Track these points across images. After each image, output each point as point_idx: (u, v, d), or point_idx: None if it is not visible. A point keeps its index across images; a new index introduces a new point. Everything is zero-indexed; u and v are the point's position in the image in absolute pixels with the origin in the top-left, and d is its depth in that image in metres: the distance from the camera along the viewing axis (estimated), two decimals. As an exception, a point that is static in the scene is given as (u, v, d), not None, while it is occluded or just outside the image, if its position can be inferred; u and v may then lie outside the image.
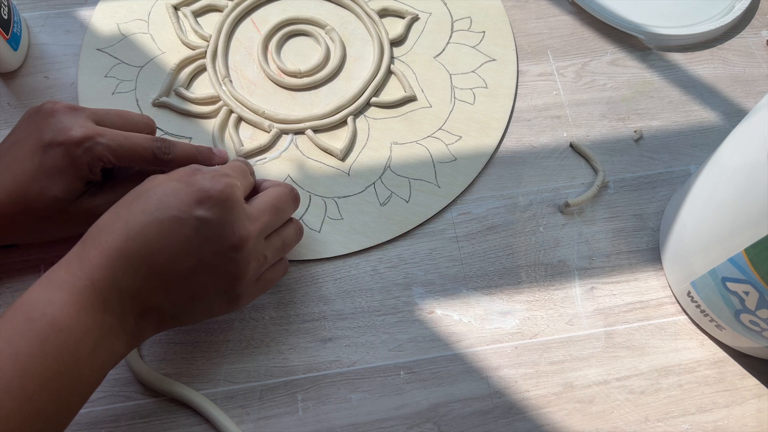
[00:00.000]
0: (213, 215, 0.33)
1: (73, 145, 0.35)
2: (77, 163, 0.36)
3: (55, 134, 0.36)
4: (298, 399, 0.39)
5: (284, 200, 0.37)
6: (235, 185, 0.34)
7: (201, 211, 0.32)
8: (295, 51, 0.50)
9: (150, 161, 0.38)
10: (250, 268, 0.34)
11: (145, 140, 0.38)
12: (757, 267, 0.33)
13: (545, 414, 0.39)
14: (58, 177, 0.36)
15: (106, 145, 0.36)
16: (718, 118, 0.49)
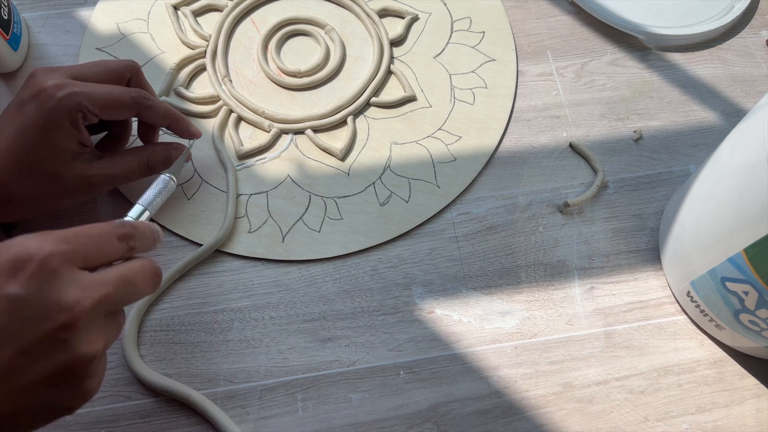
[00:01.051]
0: (25, 289, 0.26)
1: (44, 96, 0.34)
2: (54, 115, 0.34)
3: (29, 90, 0.35)
4: (297, 399, 0.39)
5: (139, 274, 0.30)
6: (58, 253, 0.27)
7: (12, 287, 0.26)
8: (295, 51, 0.50)
9: (131, 107, 0.37)
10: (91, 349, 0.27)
11: (122, 88, 0.37)
12: (756, 267, 0.33)
13: (545, 414, 0.39)
14: (39, 133, 0.35)
15: (80, 92, 0.35)
16: (717, 118, 0.49)
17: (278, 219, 0.44)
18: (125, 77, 0.39)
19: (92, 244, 0.29)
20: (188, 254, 0.42)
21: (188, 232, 0.43)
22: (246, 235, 0.43)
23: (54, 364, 0.26)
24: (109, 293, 0.28)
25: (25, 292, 0.26)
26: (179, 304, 0.41)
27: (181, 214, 0.44)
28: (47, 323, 0.26)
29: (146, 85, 0.41)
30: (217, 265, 0.43)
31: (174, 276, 0.41)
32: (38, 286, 0.26)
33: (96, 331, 0.28)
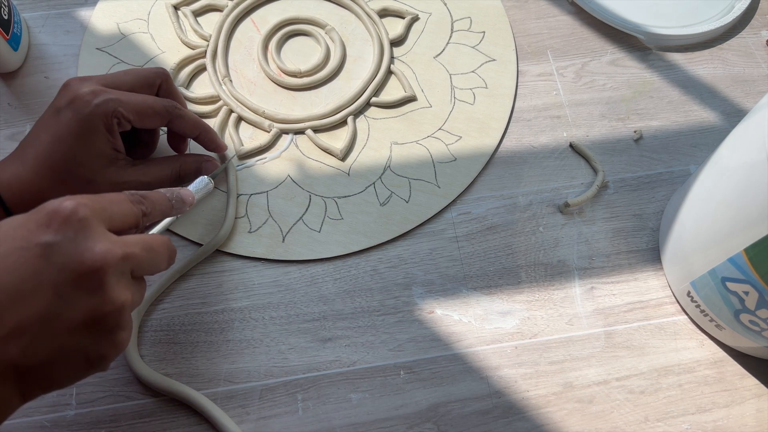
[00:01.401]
0: (61, 237, 0.27)
1: (80, 102, 0.35)
2: (90, 121, 0.35)
3: (65, 98, 0.36)
4: (298, 399, 0.39)
5: (160, 244, 0.32)
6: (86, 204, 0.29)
7: (47, 235, 0.27)
8: (295, 51, 0.50)
9: (163, 116, 0.38)
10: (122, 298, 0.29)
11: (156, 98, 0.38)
12: (756, 267, 0.33)
13: (545, 414, 0.39)
14: (75, 140, 0.35)
15: (116, 99, 0.36)
16: (717, 118, 0.49)
17: (278, 219, 0.44)
18: (156, 84, 0.40)
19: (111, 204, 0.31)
20: (188, 254, 0.42)
21: (188, 232, 0.43)
22: (246, 235, 0.43)
23: (88, 308, 0.28)
24: (135, 253, 0.30)
25: (59, 238, 0.27)
26: (179, 304, 0.41)
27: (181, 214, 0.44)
28: (81, 267, 0.27)
29: (176, 92, 0.42)
30: (218, 265, 0.43)
31: (174, 276, 0.41)
32: (71, 233, 0.28)
33: (123, 283, 0.29)
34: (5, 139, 0.46)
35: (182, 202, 0.37)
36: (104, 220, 0.30)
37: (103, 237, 0.29)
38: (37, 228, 0.28)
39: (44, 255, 0.27)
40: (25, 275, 0.27)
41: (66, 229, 0.28)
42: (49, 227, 0.28)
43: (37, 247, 0.27)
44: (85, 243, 0.28)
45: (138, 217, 0.32)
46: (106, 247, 0.28)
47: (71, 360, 0.29)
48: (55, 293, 0.27)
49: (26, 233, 0.28)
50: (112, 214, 0.30)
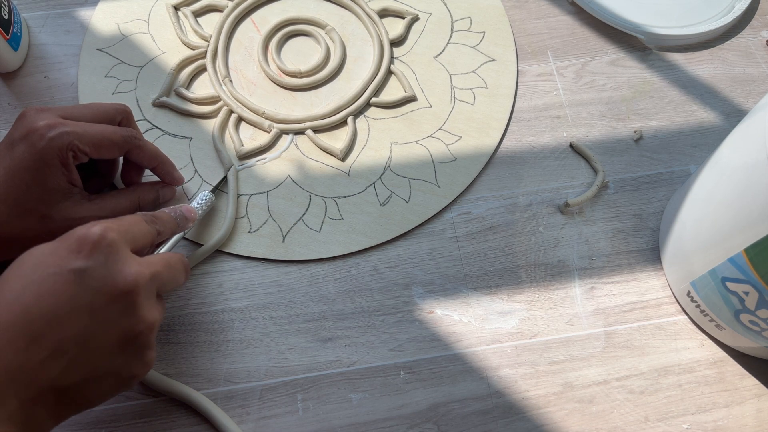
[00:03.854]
0: (93, 262, 0.29)
1: (35, 136, 0.34)
2: (45, 155, 0.34)
3: (20, 130, 0.35)
4: (298, 399, 0.39)
5: (177, 261, 0.34)
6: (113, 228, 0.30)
7: (79, 261, 0.29)
8: (295, 51, 0.50)
9: (121, 146, 0.37)
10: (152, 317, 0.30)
11: (113, 127, 0.37)
12: (756, 267, 0.33)
13: (545, 414, 0.39)
14: (29, 174, 0.34)
15: (72, 132, 0.35)
16: (717, 118, 0.49)
17: (278, 219, 0.44)
18: (116, 120, 0.39)
19: (132, 226, 0.32)
20: (188, 254, 0.42)
21: (188, 232, 0.43)
22: (246, 235, 0.43)
23: (122, 328, 0.29)
24: (160, 271, 0.32)
25: (91, 263, 0.29)
26: (179, 304, 0.41)
27: (181, 214, 0.44)
28: (113, 290, 0.29)
29: (135, 127, 0.41)
30: (218, 265, 0.43)
31: (174, 276, 0.41)
32: (102, 258, 0.29)
33: (152, 303, 0.31)
34: (5, 139, 0.46)
35: (185, 219, 0.38)
36: (129, 242, 0.31)
37: (132, 259, 0.30)
38: (68, 254, 0.29)
39: (77, 280, 0.28)
40: (61, 300, 0.28)
41: (97, 254, 0.29)
42: (80, 253, 0.29)
43: (71, 273, 0.28)
44: (115, 266, 0.29)
45: (154, 236, 0.34)
46: (136, 270, 0.30)
47: (105, 380, 0.30)
48: (90, 316, 0.28)
49: (58, 260, 0.29)
50: (135, 236, 0.32)
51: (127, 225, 0.32)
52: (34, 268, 0.29)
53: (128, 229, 0.31)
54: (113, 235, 0.30)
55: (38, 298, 0.28)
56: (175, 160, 0.45)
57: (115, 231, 0.30)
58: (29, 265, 0.29)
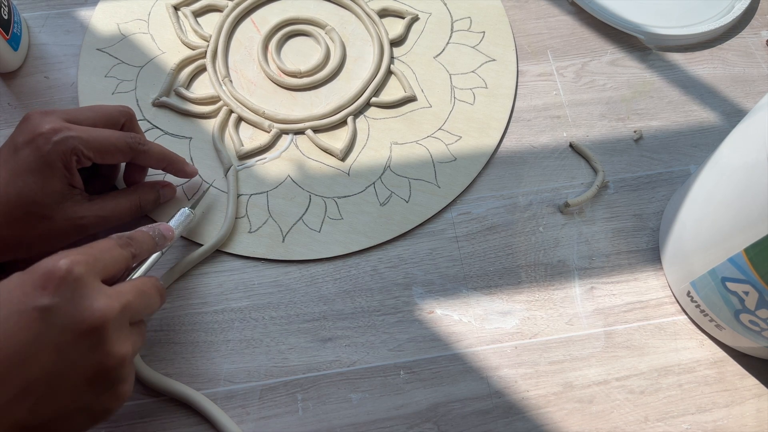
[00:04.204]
0: (58, 299, 0.28)
1: (41, 140, 0.34)
2: (49, 158, 0.34)
3: (25, 134, 0.35)
4: (298, 399, 0.39)
5: (150, 286, 0.33)
6: (80, 262, 0.29)
7: (44, 298, 0.28)
8: (295, 51, 0.50)
9: (126, 153, 0.38)
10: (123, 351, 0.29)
11: (118, 133, 0.37)
12: (756, 267, 0.33)
13: (545, 414, 0.39)
14: (32, 176, 0.35)
15: (77, 137, 0.35)
16: (717, 118, 0.49)
17: (278, 219, 0.44)
18: (120, 122, 0.39)
19: (102, 254, 0.31)
20: (188, 254, 0.42)
21: (188, 232, 0.43)
22: (246, 235, 0.43)
23: (91, 365, 0.28)
24: (131, 301, 0.31)
25: (57, 300, 0.28)
26: (179, 304, 0.41)
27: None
28: (80, 326, 0.28)
29: (138, 130, 0.41)
30: (218, 265, 0.43)
31: (174, 276, 0.41)
32: (68, 293, 0.28)
33: (124, 335, 0.30)
34: (5, 139, 0.46)
35: (164, 238, 0.37)
36: (99, 272, 0.30)
37: (100, 293, 0.29)
38: (33, 290, 0.28)
39: (43, 318, 0.28)
40: (25, 339, 0.27)
41: (63, 290, 0.28)
42: (46, 289, 0.28)
43: (35, 311, 0.28)
44: (82, 302, 0.28)
45: (128, 260, 0.33)
46: (104, 303, 0.29)
47: (76, 416, 0.29)
48: (57, 354, 0.28)
49: (22, 296, 0.28)
50: (105, 264, 0.31)
51: (97, 253, 0.31)
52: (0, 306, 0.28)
53: (98, 257, 0.30)
54: (80, 269, 0.29)
55: (4, 336, 0.27)
56: (175, 160, 0.45)
57: (82, 264, 0.29)
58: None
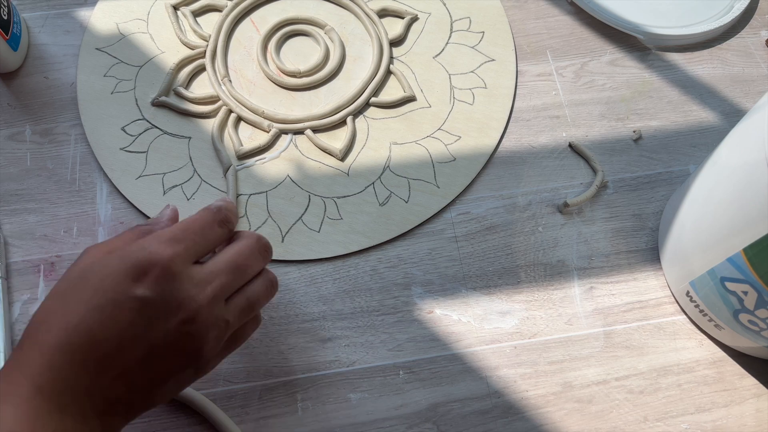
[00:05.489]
0: (152, 292, 0.29)
1: None
2: None
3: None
4: (297, 399, 0.39)
5: (247, 255, 0.33)
6: (174, 253, 0.30)
7: (140, 289, 0.29)
8: (295, 51, 0.50)
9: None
10: (210, 338, 0.31)
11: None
12: (755, 267, 0.33)
13: (544, 414, 0.39)
14: None
15: None
16: (717, 118, 0.49)
17: (278, 219, 0.44)
18: None
19: (199, 237, 0.32)
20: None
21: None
22: (245, 235, 0.43)
23: (185, 351, 0.30)
24: (224, 282, 0.31)
25: (151, 294, 0.29)
26: (179, 304, 0.41)
27: (180, 214, 0.44)
28: (171, 318, 0.29)
29: None
30: (217, 265, 0.43)
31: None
32: (161, 288, 0.29)
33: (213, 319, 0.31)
34: (4, 139, 0.46)
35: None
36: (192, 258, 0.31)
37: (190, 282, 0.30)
38: (125, 280, 0.29)
39: (138, 308, 0.29)
40: (122, 327, 0.29)
41: (157, 284, 0.29)
42: (141, 282, 0.29)
43: (131, 301, 0.29)
44: (174, 295, 0.29)
45: (224, 239, 0.34)
46: (193, 294, 0.30)
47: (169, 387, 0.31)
48: (152, 343, 0.29)
49: (116, 285, 0.29)
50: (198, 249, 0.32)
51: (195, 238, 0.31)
52: (94, 292, 0.29)
53: (196, 243, 0.31)
54: (178, 263, 0.30)
55: (101, 324, 0.28)
56: (174, 159, 0.45)
57: (181, 258, 0.30)
58: (90, 287, 0.29)
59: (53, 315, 0.29)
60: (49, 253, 0.42)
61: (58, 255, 0.42)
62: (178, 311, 0.29)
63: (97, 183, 0.45)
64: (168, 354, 0.30)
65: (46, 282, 0.42)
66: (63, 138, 0.46)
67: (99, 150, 0.46)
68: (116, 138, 0.46)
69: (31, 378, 0.28)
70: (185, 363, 0.31)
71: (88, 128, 0.46)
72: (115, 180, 0.45)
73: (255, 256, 0.33)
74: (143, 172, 0.45)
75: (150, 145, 0.46)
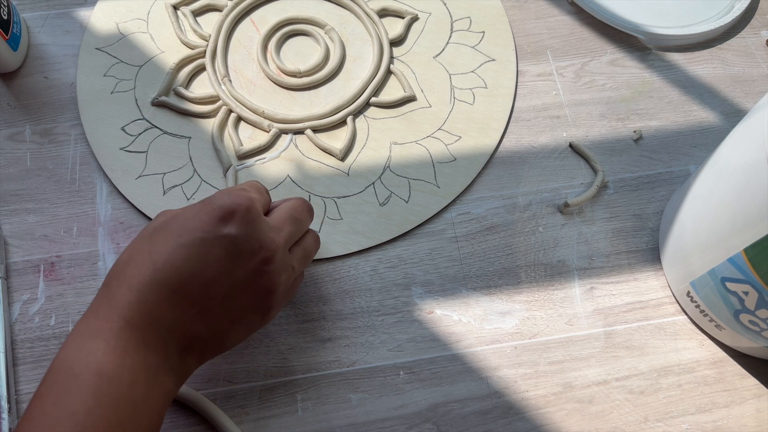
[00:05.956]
0: (238, 231, 0.31)
1: None
2: None
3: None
4: (297, 399, 0.39)
5: (300, 211, 0.36)
6: (254, 198, 0.33)
7: (226, 228, 0.31)
8: (295, 51, 0.50)
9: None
10: (281, 280, 0.34)
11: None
12: (756, 267, 0.33)
13: (544, 414, 0.39)
14: None
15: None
16: (717, 118, 0.49)
17: (278, 219, 0.44)
18: None
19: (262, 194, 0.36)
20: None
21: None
22: (245, 235, 0.43)
23: (259, 292, 0.33)
24: (290, 231, 0.35)
25: (237, 232, 0.31)
26: (179, 304, 0.41)
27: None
28: (253, 257, 0.32)
29: None
30: (217, 265, 0.42)
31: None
32: (246, 228, 0.32)
33: (285, 262, 0.34)
34: (4, 139, 0.46)
35: None
36: (263, 208, 0.34)
37: (269, 227, 0.33)
38: (212, 220, 0.31)
39: (225, 246, 0.31)
40: (208, 264, 0.31)
41: (244, 223, 0.31)
42: (226, 221, 0.31)
43: (219, 239, 0.31)
44: (257, 235, 0.32)
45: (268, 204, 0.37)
46: (272, 237, 0.33)
47: (239, 331, 0.33)
48: (233, 280, 0.31)
49: (204, 225, 0.31)
50: (263, 202, 0.35)
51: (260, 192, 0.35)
52: (180, 231, 0.31)
53: (262, 195, 0.35)
54: (257, 206, 0.33)
55: (188, 260, 0.30)
56: (174, 159, 0.45)
57: (258, 202, 0.33)
58: (175, 228, 0.31)
59: (140, 254, 0.31)
60: (49, 253, 0.42)
61: (58, 255, 0.42)
62: (260, 251, 0.32)
63: (96, 183, 0.45)
64: (245, 293, 0.32)
65: (46, 282, 0.41)
66: (63, 138, 0.46)
67: (99, 150, 0.46)
68: (116, 138, 0.46)
69: (120, 313, 0.29)
70: (257, 305, 0.33)
71: (88, 128, 0.46)
72: (115, 180, 0.45)
73: (306, 213, 0.37)
74: (143, 172, 0.45)
75: (150, 145, 0.46)
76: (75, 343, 0.29)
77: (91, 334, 0.29)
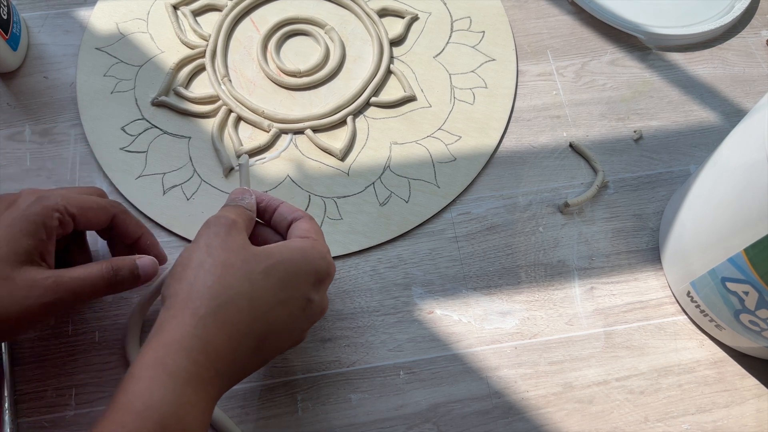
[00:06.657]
0: (319, 298, 0.35)
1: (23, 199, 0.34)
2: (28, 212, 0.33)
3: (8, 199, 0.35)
4: (297, 399, 0.39)
5: None
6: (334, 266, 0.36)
7: (314, 294, 0.34)
8: (295, 51, 0.50)
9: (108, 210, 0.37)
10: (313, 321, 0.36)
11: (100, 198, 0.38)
12: (756, 267, 0.33)
13: (545, 414, 0.39)
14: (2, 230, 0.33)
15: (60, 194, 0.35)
16: (717, 118, 0.49)
17: (278, 219, 0.44)
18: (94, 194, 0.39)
19: None
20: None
21: (188, 232, 0.43)
22: (245, 235, 0.43)
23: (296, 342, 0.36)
24: None
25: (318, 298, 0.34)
26: (179, 305, 0.41)
27: (180, 214, 0.44)
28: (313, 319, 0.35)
29: None
30: (217, 265, 0.42)
31: (173, 276, 0.41)
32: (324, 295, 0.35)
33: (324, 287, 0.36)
34: (4, 139, 0.46)
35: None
36: None
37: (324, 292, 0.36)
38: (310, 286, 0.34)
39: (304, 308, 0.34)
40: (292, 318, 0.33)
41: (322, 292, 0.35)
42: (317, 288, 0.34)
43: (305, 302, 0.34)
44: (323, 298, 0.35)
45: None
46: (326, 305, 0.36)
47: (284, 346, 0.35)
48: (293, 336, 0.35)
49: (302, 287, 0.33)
50: None
51: None
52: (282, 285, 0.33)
53: None
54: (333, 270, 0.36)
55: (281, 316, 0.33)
56: (174, 159, 0.45)
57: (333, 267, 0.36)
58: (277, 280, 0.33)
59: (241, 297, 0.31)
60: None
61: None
62: (320, 315, 0.35)
63: (96, 183, 0.45)
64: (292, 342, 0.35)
65: (46, 282, 0.41)
66: (62, 138, 0.46)
67: (98, 150, 0.46)
68: (116, 138, 0.46)
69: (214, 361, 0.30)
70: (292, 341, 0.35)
71: (88, 128, 0.46)
72: (115, 180, 0.45)
73: None
74: (143, 172, 0.45)
75: (150, 145, 0.46)
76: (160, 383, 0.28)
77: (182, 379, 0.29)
